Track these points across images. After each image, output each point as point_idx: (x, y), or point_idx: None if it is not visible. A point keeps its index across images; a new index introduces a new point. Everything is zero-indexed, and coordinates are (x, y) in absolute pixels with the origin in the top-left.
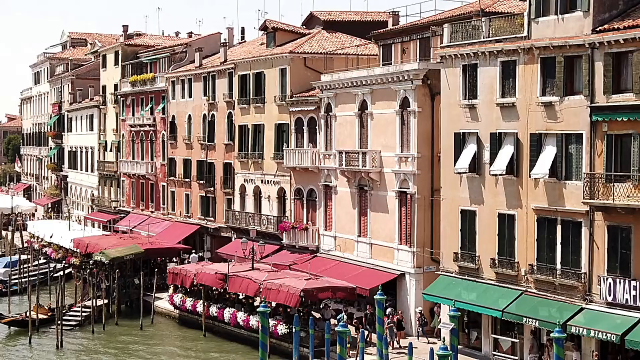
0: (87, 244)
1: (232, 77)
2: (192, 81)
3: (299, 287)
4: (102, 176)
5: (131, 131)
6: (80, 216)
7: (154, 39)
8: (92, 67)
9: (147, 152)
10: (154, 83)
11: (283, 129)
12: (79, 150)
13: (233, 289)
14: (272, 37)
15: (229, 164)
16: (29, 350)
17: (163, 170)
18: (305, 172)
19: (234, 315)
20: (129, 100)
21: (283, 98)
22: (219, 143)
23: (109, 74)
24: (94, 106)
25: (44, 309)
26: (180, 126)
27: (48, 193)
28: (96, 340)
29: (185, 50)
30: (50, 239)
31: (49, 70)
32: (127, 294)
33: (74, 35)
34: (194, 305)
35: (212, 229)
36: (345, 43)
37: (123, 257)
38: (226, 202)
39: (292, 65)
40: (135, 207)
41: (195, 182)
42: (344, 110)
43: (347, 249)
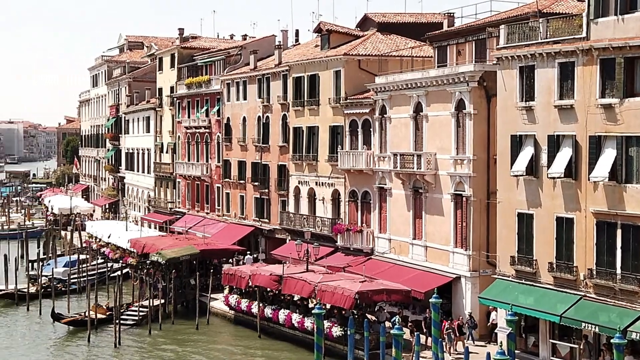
0: (143, 244)
1: (286, 79)
2: (247, 83)
3: (353, 290)
4: (158, 177)
5: (187, 133)
6: (136, 217)
7: (209, 42)
8: (148, 69)
9: (202, 153)
10: (209, 85)
11: (337, 131)
12: (136, 152)
13: (288, 290)
14: (327, 39)
15: (283, 165)
16: (88, 349)
17: (218, 172)
18: (359, 174)
19: (289, 317)
20: (184, 103)
21: (337, 100)
22: (273, 145)
23: (165, 77)
24: (150, 108)
25: (102, 309)
26: (235, 128)
27: (105, 194)
28: (153, 340)
29: (240, 53)
30: (108, 239)
31: (106, 73)
32: (183, 295)
33: (131, 38)
34: (249, 306)
35: (267, 230)
36: (400, 45)
37: (179, 258)
38: (281, 204)
39: (347, 67)
40: (191, 209)
41: (250, 184)
42: (398, 112)
43: (401, 251)
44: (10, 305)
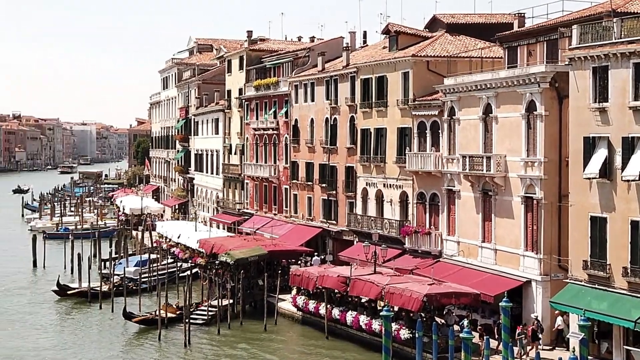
0: (212, 244)
1: (354, 80)
2: (315, 85)
3: (422, 292)
4: (226, 179)
5: (255, 134)
6: (205, 217)
7: (277, 44)
8: (217, 72)
9: (270, 155)
10: (278, 87)
11: (405, 132)
12: (205, 153)
13: (355, 292)
14: (395, 40)
15: (351, 167)
16: (159, 347)
17: (286, 173)
18: (427, 176)
19: (357, 319)
20: (253, 104)
21: (405, 102)
22: (341, 146)
23: (233, 79)
24: (219, 110)
25: (172, 308)
26: (302, 130)
27: (175, 195)
28: (222, 339)
29: (308, 55)
30: (177, 239)
31: (176, 76)
32: (252, 295)
33: (200, 41)
34: (316, 307)
35: (334, 232)
36: (469, 46)
37: (247, 259)
38: (348, 206)
39: (415, 68)
40: (259, 210)
41: (318, 185)
42: (467, 114)
43: (470, 254)
44: (84, 303)
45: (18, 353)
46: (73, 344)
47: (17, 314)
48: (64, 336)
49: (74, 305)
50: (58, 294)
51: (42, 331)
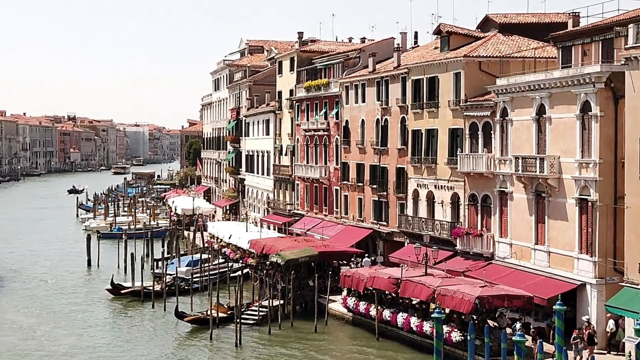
0: (263, 245)
1: (405, 81)
2: (366, 86)
3: (473, 294)
4: (277, 179)
5: (305, 135)
6: (256, 218)
7: (328, 45)
8: (268, 73)
9: (320, 156)
10: (328, 88)
11: (457, 133)
12: (256, 154)
13: (406, 293)
14: (446, 41)
15: (402, 168)
16: (210, 347)
17: (336, 174)
18: (479, 177)
19: (407, 320)
20: (303, 105)
21: (457, 102)
22: (392, 148)
23: (284, 80)
24: (270, 111)
25: (224, 308)
26: (353, 131)
27: (226, 195)
28: (273, 340)
29: (358, 56)
30: (228, 239)
31: (228, 77)
32: (302, 296)
33: (251, 43)
34: (367, 308)
35: (385, 233)
36: (522, 46)
37: (298, 259)
38: (399, 207)
39: (467, 69)
40: (309, 211)
41: (368, 187)
42: (520, 115)
43: (523, 256)
44: (137, 302)
45: (72, 351)
46: (126, 343)
47: (73, 312)
48: (117, 334)
49: (127, 304)
50: (112, 293)
51: (96, 329)
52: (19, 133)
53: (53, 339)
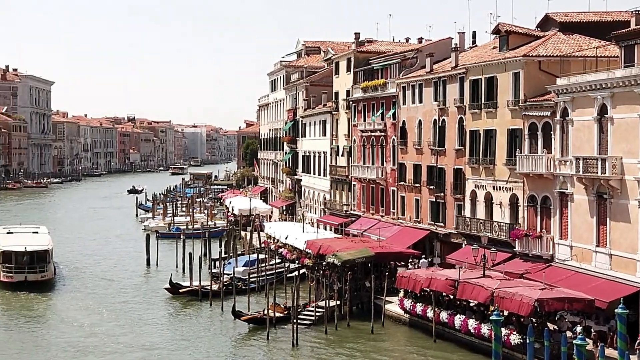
0: (319, 246)
1: (463, 81)
2: (423, 86)
3: (532, 297)
4: (333, 180)
5: (362, 136)
6: (313, 219)
7: (384, 46)
8: (325, 74)
9: (377, 156)
10: (385, 89)
11: (516, 134)
12: (312, 155)
13: (464, 295)
14: (505, 40)
15: (459, 169)
16: (267, 346)
17: (393, 175)
18: (539, 178)
19: (465, 322)
20: (360, 106)
21: (516, 103)
22: (449, 148)
23: (341, 81)
24: (326, 112)
25: (280, 308)
26: (410, 131)
27: (283, 196)
28: (329, 340)
29: (415, 56)
30: (285, 240)
31: (285, 78)
32: (359, 296)
33: (308, 44)
34: (424, 310)
35: (442, 234)
36: (583, 45)
37: (354, 260)
38: (456, 208)
39: (526, 68)
40: (366, 211)
41: (425, 188)
42: (581, 115)
43: (584, 259)
44: (195, 302)
45: (132, 348)
46: (184, 341)
47: (132, 310)
48: (176, 333)
49: (185, 303)
50: (170, 292)
51: (155, 327)
52: (81, 134)
53: (113, 336)
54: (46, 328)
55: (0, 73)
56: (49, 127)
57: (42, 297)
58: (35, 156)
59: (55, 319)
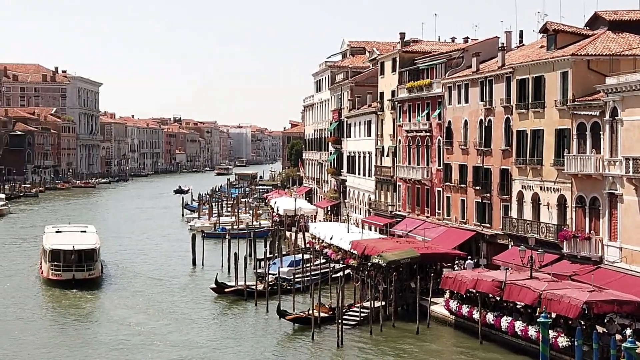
0: (364, 246)
1: (510, 81)
2: (469, 86)
3: (581, 299)
4: (379, 181)
5: (407, 136)
6: (357, 219)
7: (430, 45)
8: (370, 74)
9: (422, 157)
10: (431, 89)
11: (564, 134)
12: (357, 155)
13: (511, 297)
14: (553, 39)
15: (506, 170)
16: (312, 346)
17: (439, 176)
18: (587, 179)
19: (512, 324)
20: (405, 106)
21: (564, 102)
22: (495, 149)
23: (386, 81)
24: (371, 112)
25: (325, 308)
26: (456, 131)
27: (328, 196)
28: (374, 341)
29: (461, 56)
30: (330, 240)
31: (329, 79)
32: (404, 297)
33: (353, 44)
34: (470, 311)
35: (488, 235)
36: (633, 43)
37: (400, 261)
38: (503, 209)
39: (575, 68)
40: (411, 212)
41: (471, 188)
42: (632, 115)
43: (634, 260)
44: (240, 301)
45: (178, 347)
46: (230, 340)
47: (179, 309)
48: (221, 332)
49: (230, 302)
50: (216, 292)
51: (201, 326)
52: (128, 135)
53: (160, 335)
54: (94, 326)
55: (49, 75)
56: (97, 128)
57: (89, 295)
58: (83, 157)
59: (102, 317)
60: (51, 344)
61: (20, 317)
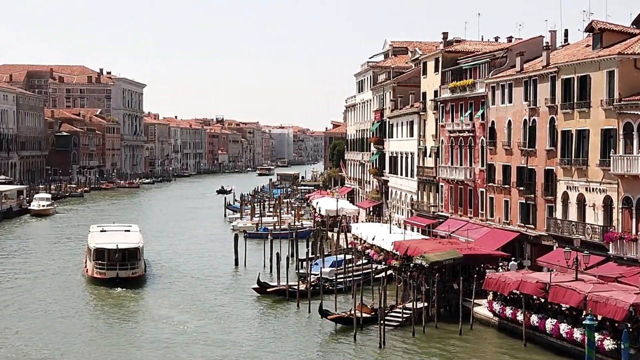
0: (407, 247)
1: (555, 81)
2: (513, 86)
3: (627, 301)
4: (421, 181)
5: (450, 137)
6: (399, 220)
7: (473, 45)
8: (412, 74)
9: (465, 157)
10: (474, 89)
11: (610, 134)
12: (399, 156)
13: (555, 299)
14: (599, 38)
15: (550, 170)
16: (354, 346)
17: (482, 176)
18: (634, 179)
19: (556, 327)
20: (448, 106)
21: (610, 102)
22: (539, 149)
23: (429, 81)
24: (414, 112)
25: (367, 308)
26: (499, 132)
27: (370, 197)
28: (417, 342)
29: (505, 55)
30: (372, 241)
31: (371, 79)
32: (446, 298)
33: (395, 44)
34: (513, 313)
35: (532, 236)
36: None
37: (442, 262)
38: (547, 210)
39: (621, 67)
40: (454, 213)
41: (515, 189)
42: None
43: None
44: (282, 301)
45: (222, 346)
46: (273, 340)
47: (221, 308)
48: (264, 332)
49: (272, 302)
50: (258, 292)
51: (244, 326)
52: (171, 135)
53: (202, 334)
54: (138, 324)
55: (94, 76)
56: (140, 129)
57: (132, 293)
58: (127, 157)
59: (146, 315)
60: (97, 342)
61: (66, 315)
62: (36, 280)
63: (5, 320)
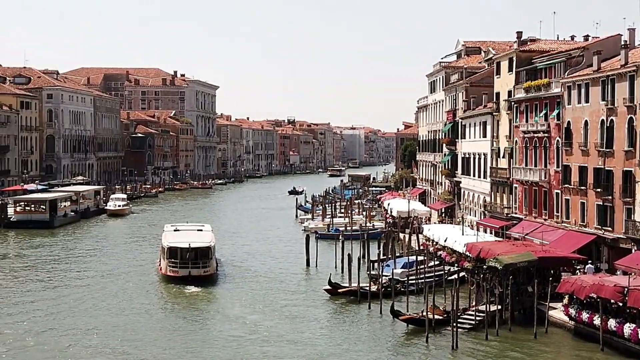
0: (480, 249)
1: (633, 80)
2: (589, 86)
3: None
4: (494, 182)
5: (524, 137)
6: (472, 221)
7: (548, 44)
8: (485, 74)
9: (540, 158)
10: (549, 89)
11: None
12: (472, 157)
13: (634, 303)
14: None
15: (629, 171)
16: (426, 348)
17: (557, 178)
18: None
19: (635, 331)
20: (522, 107)
21: None
22: (617, 150)
23: (502, 81)
24: (487, 113)
25: (439, 310)
26: (575, 132)
27: (442, 198)
28: (490, 345)
29: (582, 54)
30: (444, 242)
31: (444, 79)
32: (521, 301)
33: (468, 44)
34: (590, 317)
35: (610, 239)
36: None
37: (516, 264)
38: (626, 212)
39: None
40: (528, 214)
41: (592, 190)
42: None
43: None
44: (353, 302)
45: (293, 346)
46: (344, 340)
47: (293, 309)
48: (335, 332)
49: (344, 303)
50: (329, 293)
51: (316, 326)
52: (243, 137)
53: (275, 333)
54: (210, 322)
55: (169, 78)
56: (213, 130)
57: (204, 292)
58: (200, 158)
59: (218, 313)
60: (169, 339)
61: (141, 311)
62: (111, 278)
63: (80, 317)
